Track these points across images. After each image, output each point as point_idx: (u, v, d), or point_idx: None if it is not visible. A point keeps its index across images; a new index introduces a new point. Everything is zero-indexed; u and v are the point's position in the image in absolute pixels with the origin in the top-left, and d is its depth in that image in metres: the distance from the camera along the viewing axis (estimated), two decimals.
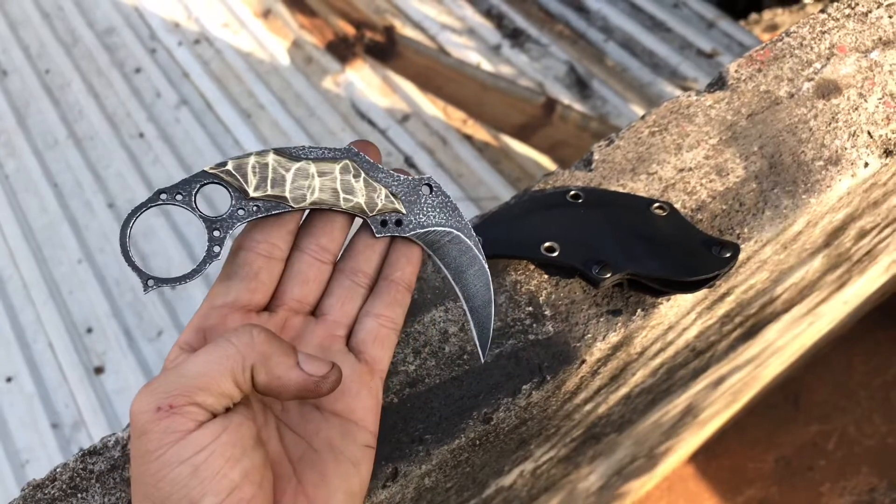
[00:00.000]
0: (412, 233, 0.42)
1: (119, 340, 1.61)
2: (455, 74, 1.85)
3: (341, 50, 1.93)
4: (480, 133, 1.76)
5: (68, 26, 2.07)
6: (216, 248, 0.39)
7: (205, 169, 0.39)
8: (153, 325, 1.63)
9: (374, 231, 0.41)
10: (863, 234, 0.78)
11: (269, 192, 0.39)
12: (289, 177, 0.39)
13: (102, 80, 1.96)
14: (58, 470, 0.43)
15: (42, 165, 1.85)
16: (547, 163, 1.72)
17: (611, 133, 0.55)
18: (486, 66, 1.87)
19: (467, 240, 0.43)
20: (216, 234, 0.39)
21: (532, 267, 0.51)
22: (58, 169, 1.84)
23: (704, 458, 2.04)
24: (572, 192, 0.51)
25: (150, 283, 0.38)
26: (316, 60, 1.92)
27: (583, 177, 0.55)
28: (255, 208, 0.39)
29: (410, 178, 0.42)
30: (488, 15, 1.97)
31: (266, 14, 2.02)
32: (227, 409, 0.33)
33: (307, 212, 0.41)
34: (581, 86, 1.82)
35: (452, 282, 0.43)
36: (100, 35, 2.05)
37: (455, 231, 0.42)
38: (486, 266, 0.43)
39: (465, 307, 0.43)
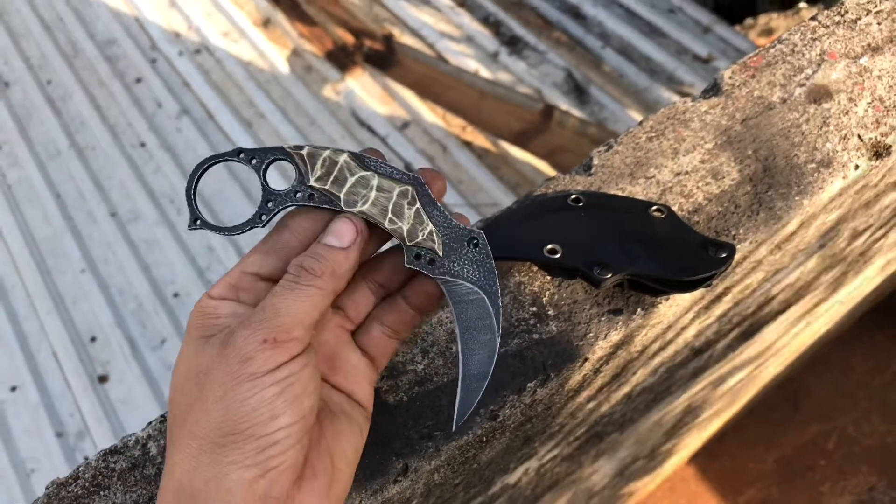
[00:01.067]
0: (439, 277, 0.42)
1: (123, 349, 1.62)
2: (454, 82, 1.87)
3: (341, 58, 1.94)
4: (479, 139, 1.78)
5: (69, 38, 2.09)
6: (263, 217, 0.42)
7: (283, 146, 0.41)
8: (157, 334, 1.65)
9: (406, 260, 0.42)
10: (856, 235, 0.80)
11: (327, 187, 0.41)
12: (350, 181, 0.41)
13: (104, 91, 1.98)
14: (80, 469, 0.44)
15: (44, 176, 1.86)
16: (546, 168, 1.74)
17: (608, 138, 0.56)
18: (485, 73, 1.89)
19: (490, 306, 0.42)
20: (269, 205, 0.42)
21: (535, 269, 0.53)
22: (60, 179, 1.85)
23: (705, 459, 2.06)
24: (573, 196, 0.53)
25: (198, 222, 0.41)
26: (316, 69, 1.94)
27: (583, 181, 0.56)
28: (309, 196, 0.41)
29: (463, 226, 0.42)
30: (486, 22, 1.99)
31: (266, 23, 2.04)
32: (307, 346, 0.39)
33: None
34: (579, 92, 1.84)
35: (458, 339, 0.43)
36: (101, 46, 2.07)
37: (481, 293, 0.42)
38: (498, 341, 0.42)
39: (459, 370, 0.42)
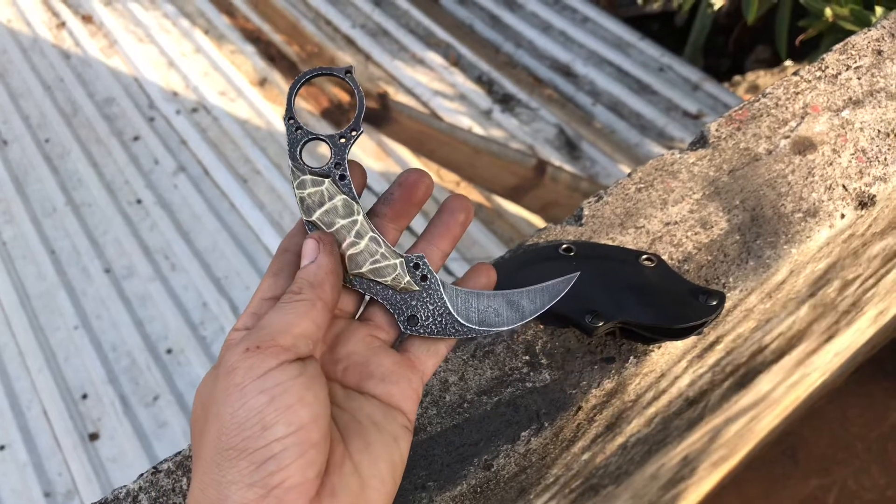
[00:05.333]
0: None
1: (115, 406, 1.61)
2: (447, 138, 1.90)
3: (336, 116, 1.98)
4: (473, 194, 1.80)
5: (69, 97, 2.12)
6: (342, 140, 0.43)
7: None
8: (149, 391, 1.63)
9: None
10: (846, 285, 0.81)
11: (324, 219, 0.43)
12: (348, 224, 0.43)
13: (101, 149, 2.00)
14: None
15: (40, 232, 1.87)
16: (539, 222, 1.75)
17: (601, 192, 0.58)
18: (478, 129, 1.92)
19: None
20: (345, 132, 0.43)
21: None
22: (55, 236, 1.86)
23: None
24: (564, 246, 0.53)
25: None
26: (311, 126, 1.97)
27: (574, 231, 0.57)
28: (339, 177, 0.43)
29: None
30: (479, 81, 2.03)
31: (262, 83, 2.08)
32: (304, 359, 0.37)
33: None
34: (570, 147, 1.87)
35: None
36: (99, 105, 2.10)
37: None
38: None
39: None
